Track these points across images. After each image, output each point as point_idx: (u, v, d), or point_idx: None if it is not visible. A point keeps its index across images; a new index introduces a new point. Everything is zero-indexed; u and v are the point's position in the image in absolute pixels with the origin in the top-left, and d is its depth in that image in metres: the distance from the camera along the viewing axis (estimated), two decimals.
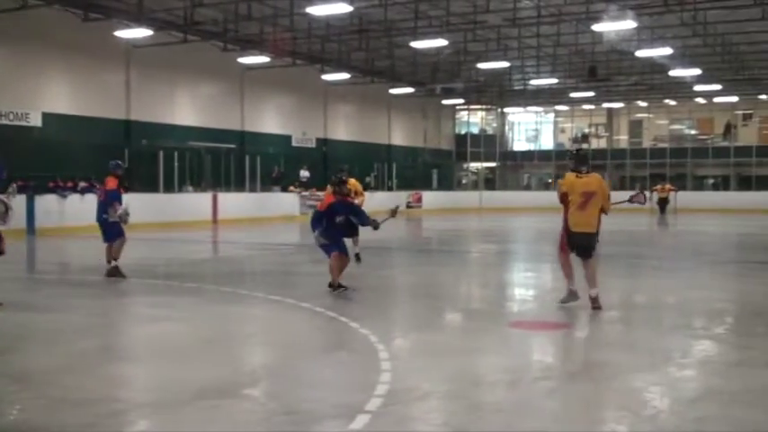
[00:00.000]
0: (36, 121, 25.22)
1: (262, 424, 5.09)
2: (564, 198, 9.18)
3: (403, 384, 5.91)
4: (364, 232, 12.59)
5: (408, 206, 38.89)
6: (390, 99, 42.33)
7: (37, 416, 5.16)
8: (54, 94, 26.02)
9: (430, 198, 42.04)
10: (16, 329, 8.13)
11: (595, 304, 8.98)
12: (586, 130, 52.28)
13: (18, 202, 20.92)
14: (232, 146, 31.63)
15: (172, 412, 5.31)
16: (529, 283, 13.24)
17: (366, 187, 14.99)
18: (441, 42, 28.92)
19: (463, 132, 52.42)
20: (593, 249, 9.12)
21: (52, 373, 6.28)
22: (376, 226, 10.68)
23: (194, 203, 27.95)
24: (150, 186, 27.04)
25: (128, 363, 6.89)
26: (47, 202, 22.48)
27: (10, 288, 11.19)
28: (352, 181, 13.64)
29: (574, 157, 9.39)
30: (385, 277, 13.39)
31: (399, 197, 37.72)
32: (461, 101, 48.16)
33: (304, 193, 32.69)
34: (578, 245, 9.13)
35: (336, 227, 10.49)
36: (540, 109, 52.80)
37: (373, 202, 15.69)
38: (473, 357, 7.04)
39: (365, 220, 10.75)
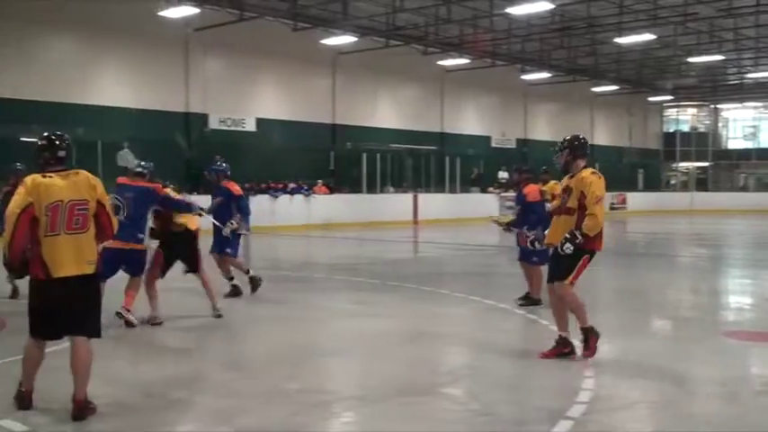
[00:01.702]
0: (251, 126, 26.93)
1: (462, 424, 5.09)
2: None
3: (607, 392, 5.69)
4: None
5: (612, 208, 37.64)
6: (593, 97, 41.14)
7: (249, 402, 5.47)
8: (266, 101, 27.65)
9: (635, 199, 40.27)
10: (230, 322, 8.67)
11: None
12: None
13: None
14: (432, 147, 32.06)
15: (374, 407, 5.44)
16: (746, 291, 12.32)
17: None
18: (648, 37, 27.69)
19: (672, 130, 49.90)
20: None
21: (263, 363, 6.65)
22: (532, 241, 8.82)
23: (396, 204, 28.56)
24: (354, 187, 28.06)
25: (333, 357, 7.14)
26: (260, 203, 23.87)
27: (227, 282, 11.99)
28: (551, 183, 12.99)
29: (571, 146, 6.89)
30: (587, 281, 12.93)
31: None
32: (670, 98, 45.85)
33: (503, 194, 32.44)
34: None
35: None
36: (759, 104, 49.07)
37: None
38: (684, 367, 6.63)
39: (528, 221, 9.28)
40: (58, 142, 5.18)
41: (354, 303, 10.09)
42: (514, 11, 23.90)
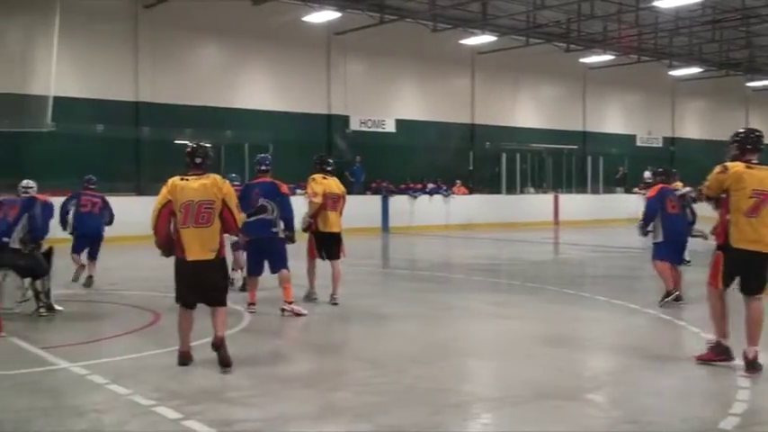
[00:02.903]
0: (390, 127, 27.22)
1: (605, 431, 4.92)
2: (719, 198, 6.27)
3: (764, 404, 5.36)
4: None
5: None
6: (748, 93, 38.95)
7: (388, 400, 5.51)
8: (406, 101, 27.87)
9: None
10: (367, 319, 8.80)
11: (754, 368, 5.96)
12: None
13: (374, 203, 22.97)
14: (573, 146, 31.33)
15: (513, 409, 5.36)
16: None
17: None
18: None
19: None
20: (765, 280, 6.18)
21: (402, 362, 6.68)
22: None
23: (536, 204, 28.15)
24: (493, 187, 27.86)
25: (471, 357, 7.09)
26: (398, 203, 24.16)
27: (366, 281, 12.20)
28: (676, 184, 12.06)
29: (743, 140, 6.37)
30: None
31: None
32: None
33: None
34: (747, 273, 6.13)
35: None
36: None
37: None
38: None
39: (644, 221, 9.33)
40: (198, 151, 6.30)
41: (493, 304, 10.00)
42: (662, 4, 23.02)
